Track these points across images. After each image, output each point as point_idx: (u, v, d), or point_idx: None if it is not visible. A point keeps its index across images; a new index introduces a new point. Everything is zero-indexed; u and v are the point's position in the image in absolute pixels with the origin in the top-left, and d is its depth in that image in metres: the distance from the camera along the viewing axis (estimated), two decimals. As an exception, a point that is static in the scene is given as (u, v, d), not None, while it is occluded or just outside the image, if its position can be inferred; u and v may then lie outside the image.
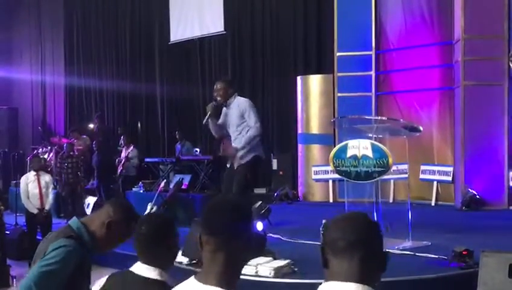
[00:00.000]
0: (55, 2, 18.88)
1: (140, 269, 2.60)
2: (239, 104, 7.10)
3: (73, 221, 2.97)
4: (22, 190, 9.60)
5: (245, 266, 5.50)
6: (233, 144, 7.26)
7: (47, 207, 9.55)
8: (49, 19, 19.18)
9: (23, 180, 9.74)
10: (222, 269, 2.02)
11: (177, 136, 14.23)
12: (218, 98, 7.18)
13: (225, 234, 2.05)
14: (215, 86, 7.26)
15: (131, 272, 2.61)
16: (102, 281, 2.71)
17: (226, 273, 2.03)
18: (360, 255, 1.87)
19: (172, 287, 2.36)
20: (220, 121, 7.33)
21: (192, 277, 2.10)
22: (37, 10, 19.54)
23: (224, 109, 7.36)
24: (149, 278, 2.56)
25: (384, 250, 1.97)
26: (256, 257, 5.66)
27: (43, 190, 9.57)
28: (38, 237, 9.52)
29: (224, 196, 2.60)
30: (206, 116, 7.23)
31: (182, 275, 2.60)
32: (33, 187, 9.56)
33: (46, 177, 9.80)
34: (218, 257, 2.04)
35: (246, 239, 2.10)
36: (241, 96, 7.38)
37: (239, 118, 7.09)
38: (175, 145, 14.45)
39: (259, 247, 6.12)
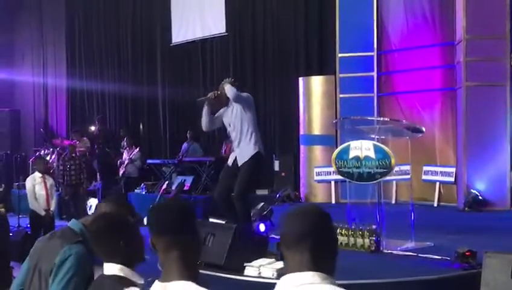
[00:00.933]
0: (57, 4, 18.90)
1: (107, 268, 2.63)
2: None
3: (74, 223, 2.96)
4: (29, 191, 9.61)
5: (248, 268, 5.52)
6: (235, 144, 7.27)
7: (52, 208, 9.60)
8: (51, 21, 19.20)
9: (29, 181, 9.75)
10: (178, 263, 2.17)
11: (188, 136, 14.14)
12: (220, 91, 7.24)
13: (171, 231, 2.20)
14: (220, 85, 7.33)
15: (102, 275, 2.66)
16: None
17: (183, 266, 2.17)
18: (309, 245, 1.95)
19: (136, 283, 2.51)
20: (216, 115, 7.35)
21: (156, 281, 2.21)
22: (39, 12, 19.56)
23: (222, 109, 7.37)
24: (112, 275, 2.58)
25: (334, 238, 2.08)
26: (259, 258, 5.66)
27: (49, 192, 9.62)
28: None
29: (166, 200, 2.77)
30: (203, 97, 7.28)
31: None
32: (40, 189, 9.59)
33: (50, 180, 9.86)
34: (171, 254, 2.18)
35: (192, 236, 2.26)
36: None
37: (242, 114, 7.09)
38: (182, 144, 14.39)
39: (262, 248, 6.12)
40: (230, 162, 7.36)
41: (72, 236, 2.87)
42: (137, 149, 14.02)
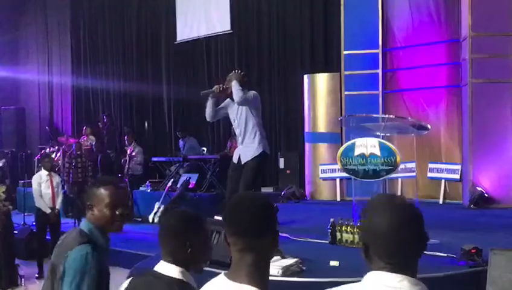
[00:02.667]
0: (62, 2, 18.91)
1: (161, 266, 2.51)
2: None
3: (84, 224, 2.96)
4: (35, 189, 9.62)
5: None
6: (239, 141, 7.27)
7: (58, 206, 9.60)
8: (55, 19, 19.21)
9: (35, 179, 9.76)
10: (252, 268, 2.01)
11: (179, 134, 14.19)
12: (227, 87, 7.21)
13: (252, 233, 2.02)
14: (227, 77, 7.29)
15: (153, 271, 2.52)
16: (123, 285, 2.64)
17: (256, 271, 2.02)
18: (406, 249, 1.85)
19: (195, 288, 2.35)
20: (220, 106, 7.33)
21: (222, 274, 2.08)
22: (44, 11, 19.57)
23: (228, 102, 7.36)
24: (172, 278, 2.46)
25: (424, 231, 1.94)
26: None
27: (55, 190, 9.63)
28: (47, 237, 9.57)
29: (245, 194, 2.51)
30: (208, 90, 7.25)
31: (191, 275, 2.59)
32: (46, 187, 9.60)
33: (56, 178, 9.86)
34: (246, 256, 2.02)
35: (272, 237, 2.09)
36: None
37: (247, 112, 7.08)
38: (178, 142, 14.45)
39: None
40: (235, 159, 7.36)
41: (79, 238, 2.86)
42: (134, 143, 13.98)
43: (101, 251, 2.84)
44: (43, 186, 9.62)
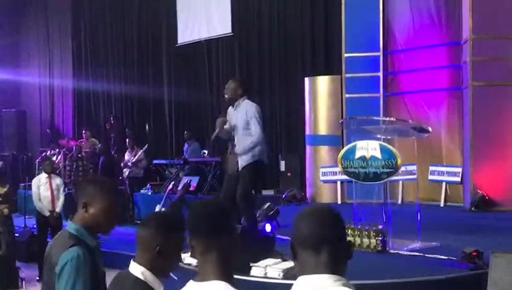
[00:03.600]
0: (63, 5, 18.94)
1: (131, 266, 2.56)
2: (247, 110, 7.10)
3: (70, 225, 2.92)
4: (34, 192, 9.62)
5: (254, 268, 5.52)
6: (236, 146, 7.28)
7: (58, 209, 9.59)
8: (57, 22, 19.24)
9: (34, 182, 9.76)
10: (215, 267, 2.14)
11: (185, 136, 14.23)
12: (226, 96, 7.23)
13: (210, 234, 2.17)
14: (227, 84, 7.32)
15: (126, 270, 2.58)
16: None
17: (220, 268, 2.14)
18: (327, 249, 1.96)
19: None
20: (228, 126, 7.34)
21: (190, 281, 2.20)
22: (45, 13, 19.59)
23: (230, 110, 7.37)
24: (137, 277, 2.50)
25: (347, 239, 2.08)
26: (265, 258, 5.66)
27: (55, 192, 9.61)
28: (49, 240, 9.57)
29: (203, 200, 2.58)
30: (215, 133, 7.28)
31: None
32: (45, 190, 9.58)
33: (57, 180, 9.84)
34: (209, 257, 2.16)
35: (231, 235, 2.22)
36: (250, 99, 7.36)
37: (245, 123, 7.11)
38: (183, 145, 14.47)
39: (268, 248, 6.12)
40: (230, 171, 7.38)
41: (68, 240, 2.83)
42: (141, 150, 14.01)
43: (92, 252, 2.82)
44: (42, 189, 9.60)
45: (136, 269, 2.53)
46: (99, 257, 2.92)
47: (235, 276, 2.15)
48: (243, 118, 7.11)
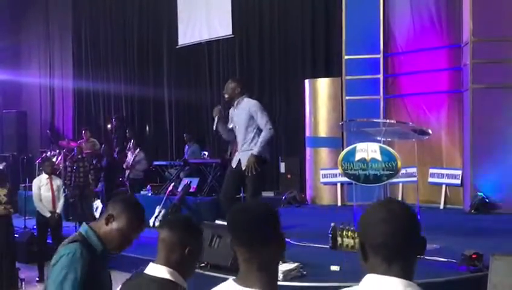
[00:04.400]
0: (63, 5, 18.95)
1: (153, 268, 2.54)
2: (249, 107, 7.13)
3: (83, 227, 2.95)
4: (35, 193, 9.63)
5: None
6: (239, 146, 7.30)
7: (58, 210, 9.60)
8: (57, 22, 19.26)
9: (35, 183, 9.77)
10: (260, 274, 2.02)
11: (185, 138, 14.27)
12: (226, 96, 7.26)
13: (258, 242, 2.03)
14: (226, 84, 7.36)
15: (144, 274, 2.54)
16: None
17: (265, 276, 2.02)
18: (402, 258, 1.84)
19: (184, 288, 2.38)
20: (230, 125, 7.37)
21: (231, 280, 2.09)
22: (46, 14, 19.61)
23: (231, 110, 7.38)
24: (163, 278, 2.48)
25: (423, 241, 1.93)
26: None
27: (55, 193, 9.62)
28: (48, 241, 9.57)
29: (247, 204, 2.52)
30: (215, 121, 7.29)
31: (191, 278, 2.60)
32: (45, 190, 9.59)
33: (57, 181, 9.86)
34: (252, 265, 2.03)
35: (276, 243, 2.09)
36: (250, 98, 7.39)
37: (248, 120, 7.12)
38: (184, 147, 14.50)
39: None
40: (234, 163, 7.39)
41: (72, 237, 2.85)
42: (139, 150, 14.03)
43: (95, 253, 2.81)
44: (43, 189, 9.62)
45: (161, 270, 2.51)
46: (105, 263, 2.91)
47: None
48: (244, 115, 7.13)
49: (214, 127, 7.46)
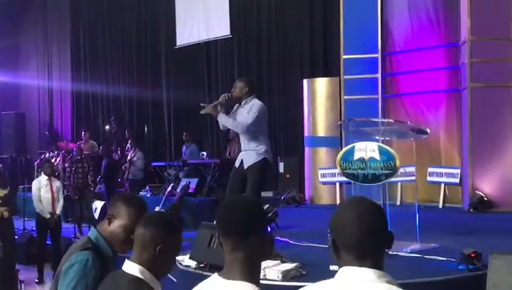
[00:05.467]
0: (61, 7, 18.96)
1: (126, 265, 2.56)
2: (252, 106, 7.15)
3: (92, 232, 2.94)
4: (34, 194, 9.64)
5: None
6: (242, 145, 7.32)
7: (58, 211, 9.59)
8: (55, 24, 19.27)
9: (35, 184, 9.78)
10: (243, 266, 2.11)
11: (184, 138, 14.28)
12: (234, 95, 7.26)
13: (239, 233, 2.12)
14: (234, 83, 7.38)
15: (120, 270, 2.58)
16: None
17: (248, 269, 2.11)
18: (375, 253, 1.96)
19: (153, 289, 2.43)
20: (231, 112, 7.37)
21: (216, 274, 2.16)
22: (44, 16, 19.62)
23: (236, 106, 7.40)
24: (132, 275, 2.50)
25: (388, 229, 2.03)
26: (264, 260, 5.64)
27: (55, 195, 9.62)
28: (48, 242, 9.57)
29: (236, 196, 2.58)
30: (215, 102, 7.27)
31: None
32: (45, 192, 9.60)
33: (57, 183, 9.86)
34: (237, 255, 2.12)
35: (261, 236, 2.17)
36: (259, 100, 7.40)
37: (249, 117, 7.12)
38: (182, 147, 14.51)
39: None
40: (237, 164, 7.40)
41: (83, 244, 2.85)
42: (137, 149, 14.05)
43: (105, 260, 2.82)
44: (43, 191, 9.62)
45: (133, 268, 2.53)
46: (113, 267, 2.92)
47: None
48: (246, 114, 7.14)
49: (212, 104, 7.40)
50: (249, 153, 7.17)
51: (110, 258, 2.87)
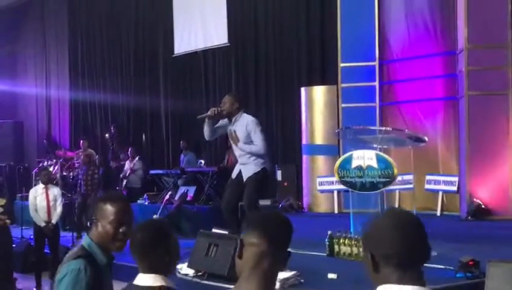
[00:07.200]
0: (59, 16, 18.98)
1: (143, 279, 2.54)
2: (247, 124, 7.17)
3: (85, 240, 2.93)
4: (30, 203, 9.61)
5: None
6: (239, 160, 7.35)
7: (54, 220, 9.55)
8: (53, 33, 19.27)
9: (31, 193, 9.75)
10: (262, 280, 2.09)
11: (181, 146, 14.29)
12: (223, 110, 7.27)
13: (277, 242, 2.13)
14: (223, 99, 7.38)
15: (136, 285, 2.55)
16: None
17: (266, 284, 2.10)
18: (417, 266, 1.90)
19: None
20: (217, 125, 7.40)
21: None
22: (42, 24, 19.62)
23: (229, 127, 7.40)
24: (153, 287, 2.50)
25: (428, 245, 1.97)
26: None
27: (51, 203, 9.58)
28: (46, 251, 9.54)
29: (275, 211, 2.63)
30: (204, 115, 7.31)
31: (188, 287, 2.61)
32: (41, 200, 9.56)
33: (54, 190, 9.81)
34: (262, 263, 2.10)
35: (286, 253, 2.19)
36: (247, 113, 7.42)
37: (246, 137, 7.16)
38: (179, 156, 14.51)
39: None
40: (234, 175, 7.41)
41: (76, 252, 2.85)
42: (138, 158, 14.06)
43: (99, 268, 2.81)
44: (39, 199, 9.58)
45: (155, 279, 2.53)
46: (109, 274, 2.91)
47: (231, 286, 2.15)
48: (242, 132, 7.17)
49: (200, 116, 7.46)
50: (246, 167, 7.21)
51: (104, 265, 2.86)
